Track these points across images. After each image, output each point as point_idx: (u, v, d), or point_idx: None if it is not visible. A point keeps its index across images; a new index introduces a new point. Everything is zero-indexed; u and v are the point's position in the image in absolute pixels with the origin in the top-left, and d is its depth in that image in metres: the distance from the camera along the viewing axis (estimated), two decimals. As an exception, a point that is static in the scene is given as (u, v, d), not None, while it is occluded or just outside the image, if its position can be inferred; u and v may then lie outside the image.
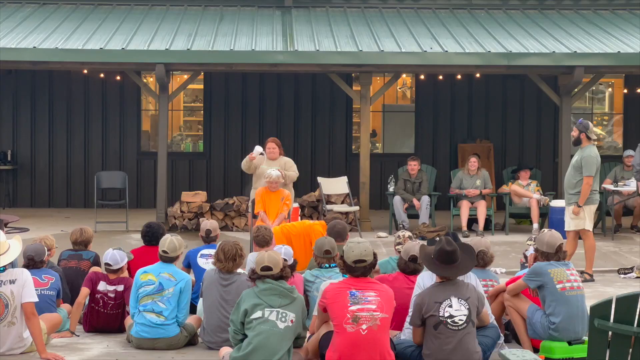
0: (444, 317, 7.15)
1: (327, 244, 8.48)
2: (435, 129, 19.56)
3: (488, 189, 16.02)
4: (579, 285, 7.93)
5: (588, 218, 11.88)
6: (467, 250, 7.50)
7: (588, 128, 11.81)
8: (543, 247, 8.04)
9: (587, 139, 11.84)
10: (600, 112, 20.47)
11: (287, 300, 7.15)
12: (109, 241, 14.37)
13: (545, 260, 8.00)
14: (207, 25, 17.39)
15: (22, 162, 19.13)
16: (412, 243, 8.59)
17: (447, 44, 16.09)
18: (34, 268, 8.75)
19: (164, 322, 8.12)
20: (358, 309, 7.03)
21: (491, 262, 8.73)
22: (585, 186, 11.67)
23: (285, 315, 7.10)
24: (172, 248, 8.43)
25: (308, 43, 16.03)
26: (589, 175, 11.68)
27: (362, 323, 7.01)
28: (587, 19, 18.33)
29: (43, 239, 9.56)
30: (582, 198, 11.74)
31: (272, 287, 7.13)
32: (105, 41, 15.84)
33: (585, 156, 11.73)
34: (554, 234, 8.13)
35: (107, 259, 8.91)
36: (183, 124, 20.26)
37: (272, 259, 7.23)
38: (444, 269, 7.31)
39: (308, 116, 19.42)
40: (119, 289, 8.82)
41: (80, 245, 9.87)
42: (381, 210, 17.93)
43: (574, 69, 15.37)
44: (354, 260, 7.21)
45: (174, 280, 8.27)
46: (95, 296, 8.81)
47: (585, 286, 10.07)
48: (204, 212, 15.80)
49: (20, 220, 13.93)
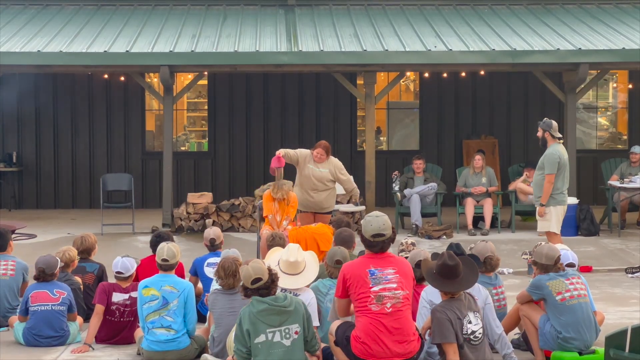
0: (467, 334, 7.11)
1: (339, 253, 8.45)
2: (440, 125, 19.54)
3: (494, 186, 16.02)
4: (580, 294, 7.92)
5: (555, 220, 11.72)
6: (470, 264, 7.38)
7: (552, 127, 11.74)
8: (542, 259, 8.05)
9: (552, 138, 11.77)
10: (604, 104, 20.44)
11: (285, 315, 7.06)
12: (116, 244, 14.40)
13: (544, 272, 8.00)
14: (211, 25, 17.36)
15: (27, 163, 19.13)
16: (416, 250, 8.62)
17: (452, 42, 16.06)
18: (44, 281, 8.74)
19: (175, 336, 8.11)
20: (381, 289, 7.10)
21: (497, 265, 8.71)
22: (547, 184, 11.58)
23: (288, 331, 7.04)
24: (171, 255, 8.40)
25: (312, 43, 16.00)
26: (550, 173, 11.58)
27: (386, 302, 7.09)
28: (591, 14, 18.28)
29: (66, 251, 9.50)
30: (544, 196, 11.64)
31: (268, 307, 7.01)
32: (109, 44, 15.83)
33: (547, 154, 11.68)
34: (552, 247, 8.14)
35: (118, 267, 8.87)
36: (187, 121, 20.25)
37: (257, 269, 7.10)
38: (447, 284, 7.21)
39: (312, 115, 19.40)
40: (133, 294, 8.75)
41: (83, 253, 9.85)
42: (387, 208, 17.88)
43: (579, 66, 15.34)
44: (372, 234, 7.20)
45: (176, 291, 8.23)
46: (111, 308, 8.76)
47: (593, 287, 10.12)
48: (210, 214, 15.80)
49: (27, 226, 13.96)
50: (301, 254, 7.80)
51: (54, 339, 8.74)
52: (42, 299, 8.77)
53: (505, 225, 16.10)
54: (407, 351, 7.15)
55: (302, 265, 7.78)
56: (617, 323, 9.05)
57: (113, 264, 8.96)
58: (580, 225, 15.26)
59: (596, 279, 12.17)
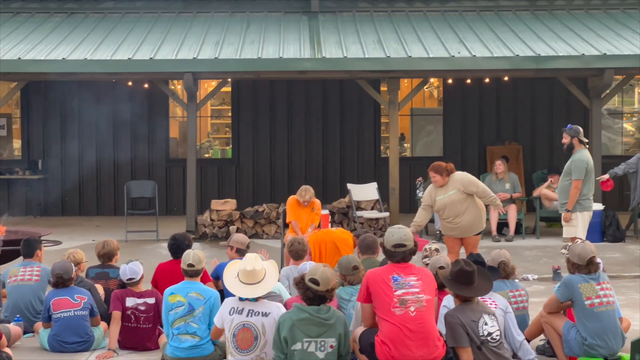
0: (484, 335, 7.15)
1: (353, 260, 8.43)
2: (464, 131, 19.49)
3: (518, 192, 15.95)
4: (609, 301, 7.86)
5: (582, 226, 11.59)
6: (484, 275, 7.54)
7: (579, 133, 11.67)
8: (575, 258, 8.00)
9: (580, 143, 11.70)
10: (630, 109, 20.32)
11: (324, 328, 7.08)
12: (140, 251, 14.44)
13: (576, 271, 7.96)
14: (234, 32, 17.40)
15: (52, 171, 19.23)
16: (437, 256, 8.61)
17: (475, 47, 16.01)
18: (64, 287, 8.77)
19: (199, 343, 8.11)
20: (403, 293, 7.15)
21: (513, 273, 8.66)
22: (574, 190, 11.48)
23: (324, 344, 7.05)
24: (197, 260, 8.38)
25: (335, 49, 15.99)
26: (578, 179, 11.48)
27: (409, 305, 7.12)
28: (616, 19, 18.17)
29: (72, 253, 9.56)
30: (570, 202, 11.53)
31: (309, 317, 7.05)
32: (133, 51, 15.89)
33: (575, 160, 11.57)
34: (586, 246, 8.06)
35: (127, 274, 8.85)
36: (210, 128, 20.30)
37: (324, 277, 7.14)
38: (462, 289, 7.36)
39: (336, 121, 19.40)
40: (149, 301, 8.79)
41: (104, 257, 9.87)
42: (411, 214, 17.67)
43: (604, 71, 15.26)
44: (393, 245, 7.33)
45: (203, 298, 8.23)
46: (126, 313, 8.77)
47: (619, 293, 10.04)
48: (234, 220, 15.82)
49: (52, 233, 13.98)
50: (259, 263, 7.64)
51: (79, 344, 8.77)
52: (64, 306, 8.80)
53: (530, 232, 16.03)
54: (432, 356, 7.14)
55: (261, 274, 7.59)
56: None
57: (121, 273, 8.91)
58: (605, 232, 15.16)
59: (622, 285, 12.09)
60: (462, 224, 10.91)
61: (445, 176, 10.98)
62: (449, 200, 10.89)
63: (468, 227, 10.93)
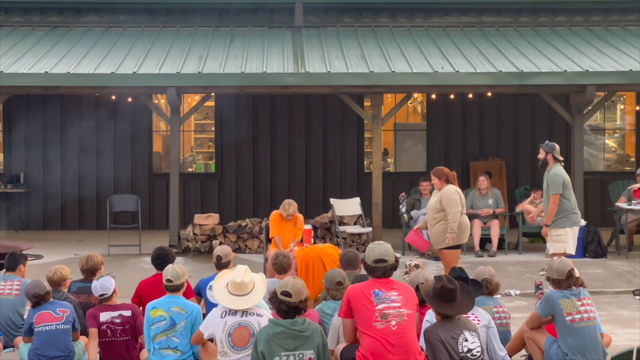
0: (464, 352, 7.12)
1: (338, 275, 8.46)
2: (447, 147, 19.53)
3: (501, 208, 15.99)
4: (590, 316, 7.87)
5: (571, 241, 11.53)
6: (466, 292, 7.49)
7: (554, 149, 11.71)
8: (554, 274, 8.02)
9: (554, 160, 11.74)
10: (612, 125, 20.40)
11: (301, 340, 7.05)
12: (122, 265, 14.40)
13: (557, 287, 7.98)
14: (218, 47, 17.40)
15: (34, 184, 19.15)
16: (416, 272, 8.61)
17: (458, 63, 16.07)
18: (45, 302, 8.71)
19: (181, 357, 8.07)
20: (385, 307, 7.15)
21: (497, 290, 8.68)
22: (552, 205, 11.45)
23: (302, 356, 7.03)
24: (175, 275, 8.34)
25: (319, 64, 16.01)
26: (555, 194, 11.49)
27: (390, 320, 7.12)
28: (598, 36, 18.29)
29: (58, 269, 9.50)
30: (548, 217, 11.47)
31: (284, 330, 7.01)
32: (117, 65, 15.86)
33: (551, 175, 11.59)
34: (563, 261, 8.10)
35: (99, 290, 8.76)
36: (194, 142, 20.28)
37: (295, 288, 7.12)
38: (444, 306, 7.29)
39: (319, 136, 19.42)
40: (125, 313, 8.68)
41: (88, 272, 9.81)
42: (394, 230, 17.86)
43: (586, 88, 15.34)
44: (374, 260, 7.33)
45: (185, 313, 8.20)
46: (102, 328, 8.68)
47: (600, 309, 10.07)
48: (217, 235, 15.79)
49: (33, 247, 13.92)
50: (248, 275, 7.66)
51: (59, 359, 8.70)
52: (46, 319, 8.72)
53: (512, 247, 16.07)
54: None
55: (249, 286, 7.60)
56: (624, 345, 9.02)
57: (92, 290, 8.85)
58: (587, 247, 15.21)
59: (604, 300, 12.12)
60: (431, 232, 11.48)
61: (443, 182, 11.40)
62: (429, 205, 11.55)
63: (434, 236, 11.46)
